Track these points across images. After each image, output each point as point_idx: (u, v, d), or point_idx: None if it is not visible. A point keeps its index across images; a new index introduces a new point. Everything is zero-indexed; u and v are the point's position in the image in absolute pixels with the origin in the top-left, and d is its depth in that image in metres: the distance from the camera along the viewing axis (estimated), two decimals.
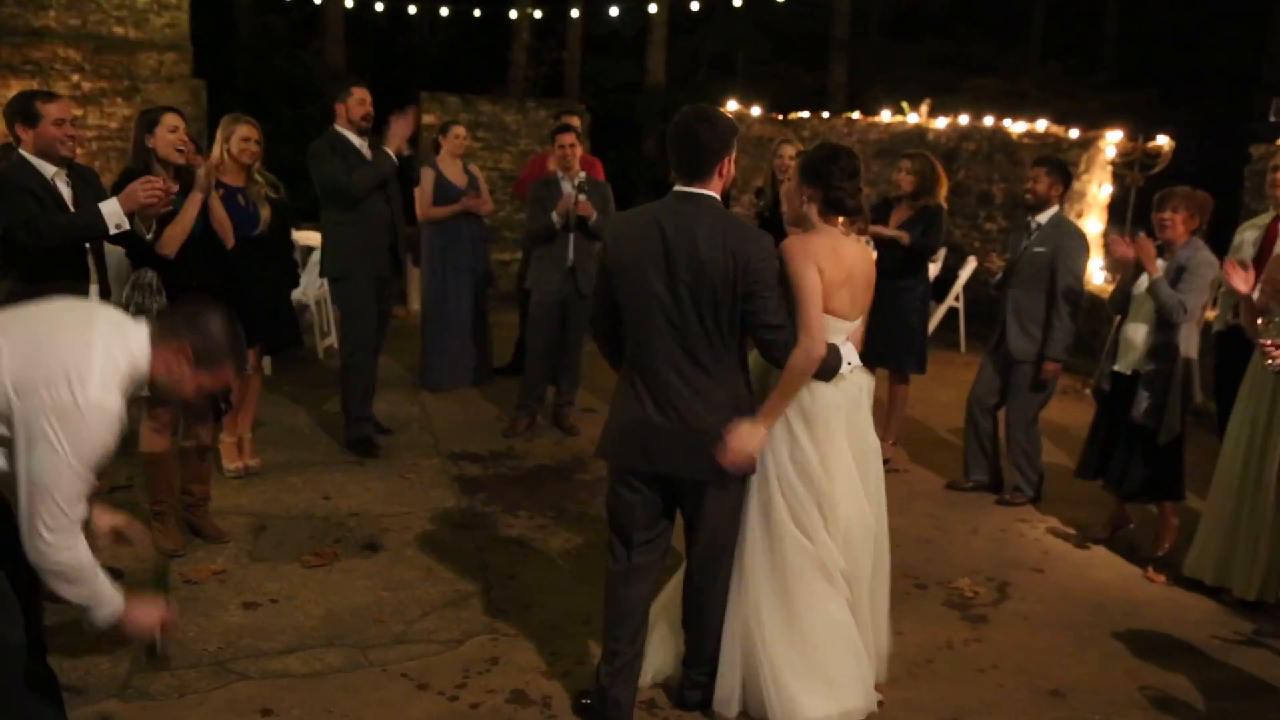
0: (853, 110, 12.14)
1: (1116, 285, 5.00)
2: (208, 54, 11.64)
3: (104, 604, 2.64)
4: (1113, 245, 4.99)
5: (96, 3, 10.33)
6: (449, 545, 4.72)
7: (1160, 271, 4.68)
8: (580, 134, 6.69)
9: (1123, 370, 4.85)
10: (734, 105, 12.01)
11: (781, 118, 11.75)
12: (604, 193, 6.41)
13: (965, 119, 10.57)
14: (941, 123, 10.69)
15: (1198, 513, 4.79)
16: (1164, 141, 9.17)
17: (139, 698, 3.34)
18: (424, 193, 6.96)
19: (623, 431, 3.22)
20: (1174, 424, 4.70)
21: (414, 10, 14.80)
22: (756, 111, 11.83)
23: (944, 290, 9.21)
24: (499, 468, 5.79)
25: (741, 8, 14.07)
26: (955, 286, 9.35)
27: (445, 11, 14.39)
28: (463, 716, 3.39)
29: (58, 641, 3.32)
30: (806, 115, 11.69)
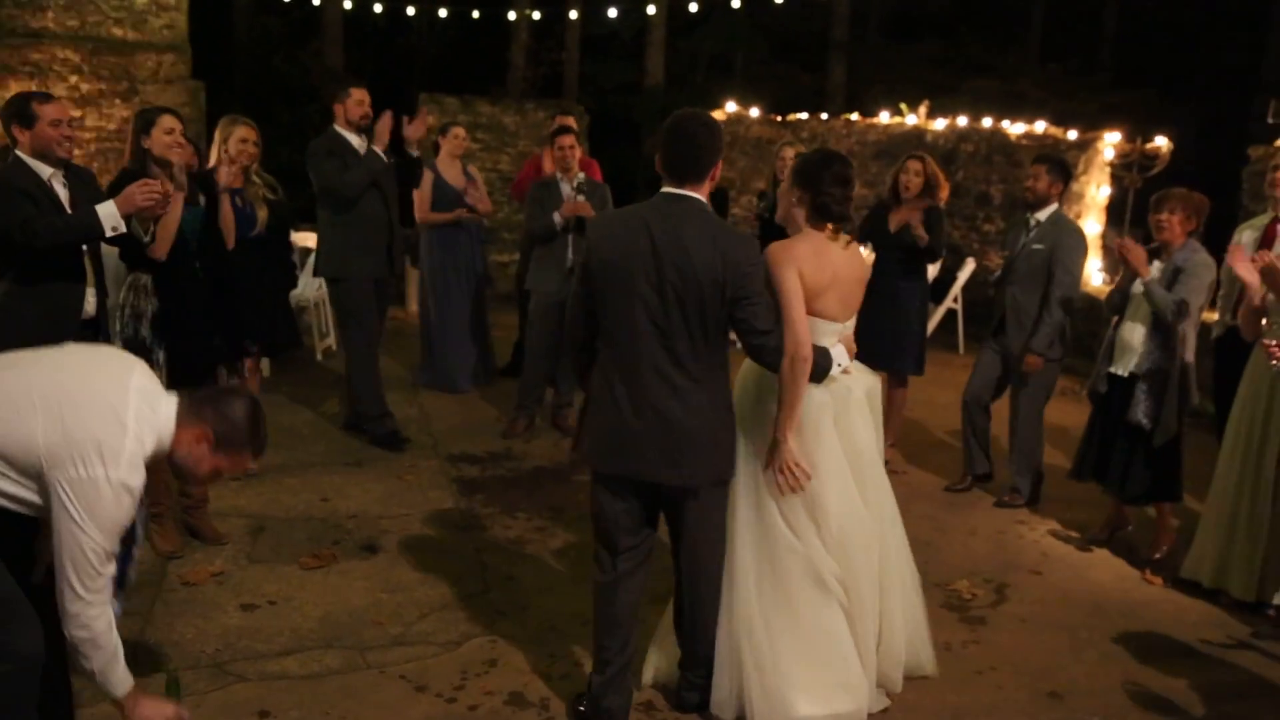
0: (851, 111, 12.13)
1: (1114, 286, 5.00)
2: (206, 55, 11.64)
3: (112, 686, 2.73)
4: (1114, 246, 4.99)
5: (95, 4, 10.34)
6: (447, 547, 4.72)
7: (1153, 274, 4.69)
8: (579, 135, 6.70)
9: (1119, 372, 4.84)
10: (733, 106, 12.01)
11: (780, 119, 11.75)
12: (603, 193, 6.41)
13: (964, 120, 10.57)
14: (940, 124, 10.69)
15: (1196, 515, 4.79)
16: (1162, 143, 9.17)
17: None
18: (423, 195, 6.96)
19: (603, 436, 3.21)
20: (1171, 426, 4.70)
21: (412, 11, 14.81)
22: (755, 113, 11.83)
23: (942, 292, 9.21)
24: (497, 469, 5.78)
25: (740, 9, 14.07)
26: (954, 288, 9.35)
27: (444, 13, 14.40)
28: (461, 718, 3.39)
29: None
30: (805, 116, 11.69)
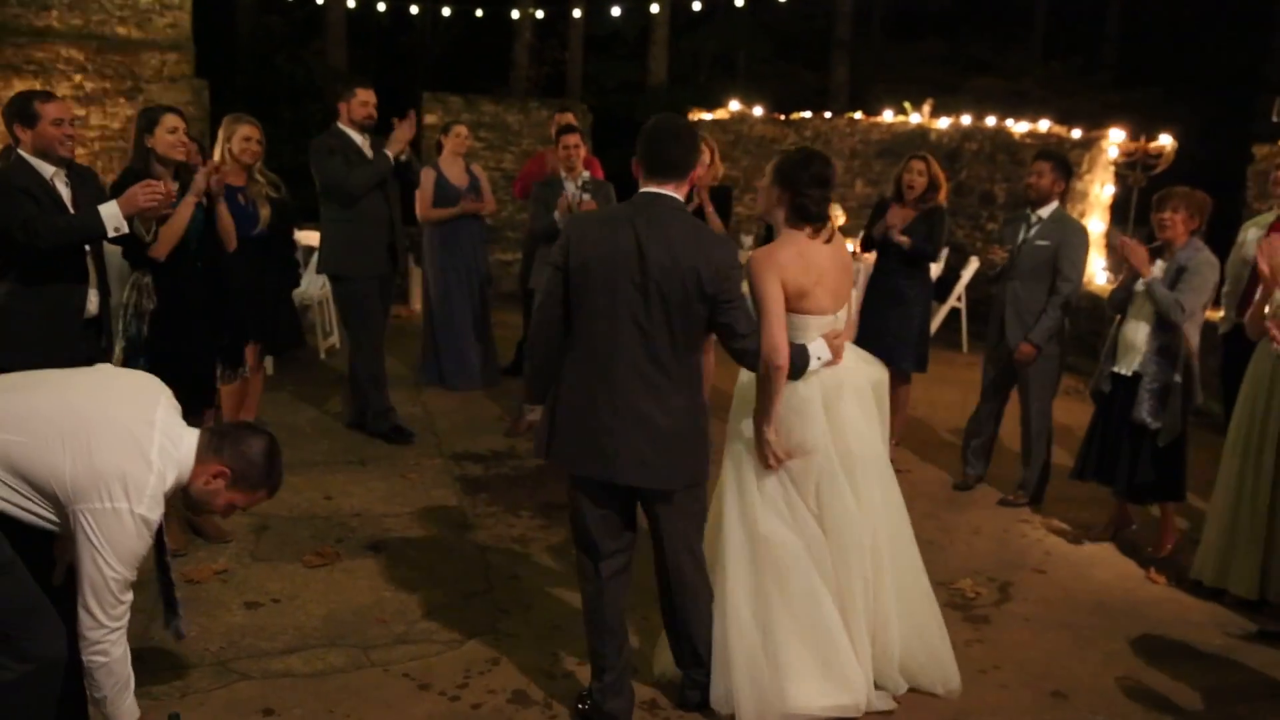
0: (855, 110, 12.12)
1: (1117, 285, 5.00)
2: (209, 54, 11.65)
3: (119, 716, 2.76)
4: (1116, 245, 4.99)
5: (99, 3, 10.33)
6: (450, 545, 4.72)
7: (1155, 273, 4.68)
8: (583, 134, 6.70)
9: (1123, 371, 4.84)
10: (736, 105, 12.00)
11: (783, 118, 11.74)
12: (607, 192, 6.42)
13: (967, 119, 10.56)
14: (944, 122, 10.68)
15: (1200, 514, 4.79)
16: (1166, 141, 9.16)
17: (140, 698, 3.32)
18: (424, 193, 6.96)
19: (578, 439, 3.17)
20: (1175, 425, 4.69)
21: (416, 10, 14.79)
22: (758, 111, 11.82)
23: (946, 290, 9.20)
24: (501, 468, 5.79)
25: (743, 7, 14.04)
26: (957, 287, 9.34)
27: (447, 11, 14.37)
28: (464, 717, 3.40)
29: None
30: (809, 115, 11.68)
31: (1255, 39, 18.08)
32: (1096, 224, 9.47)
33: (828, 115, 11.80)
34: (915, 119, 10.95)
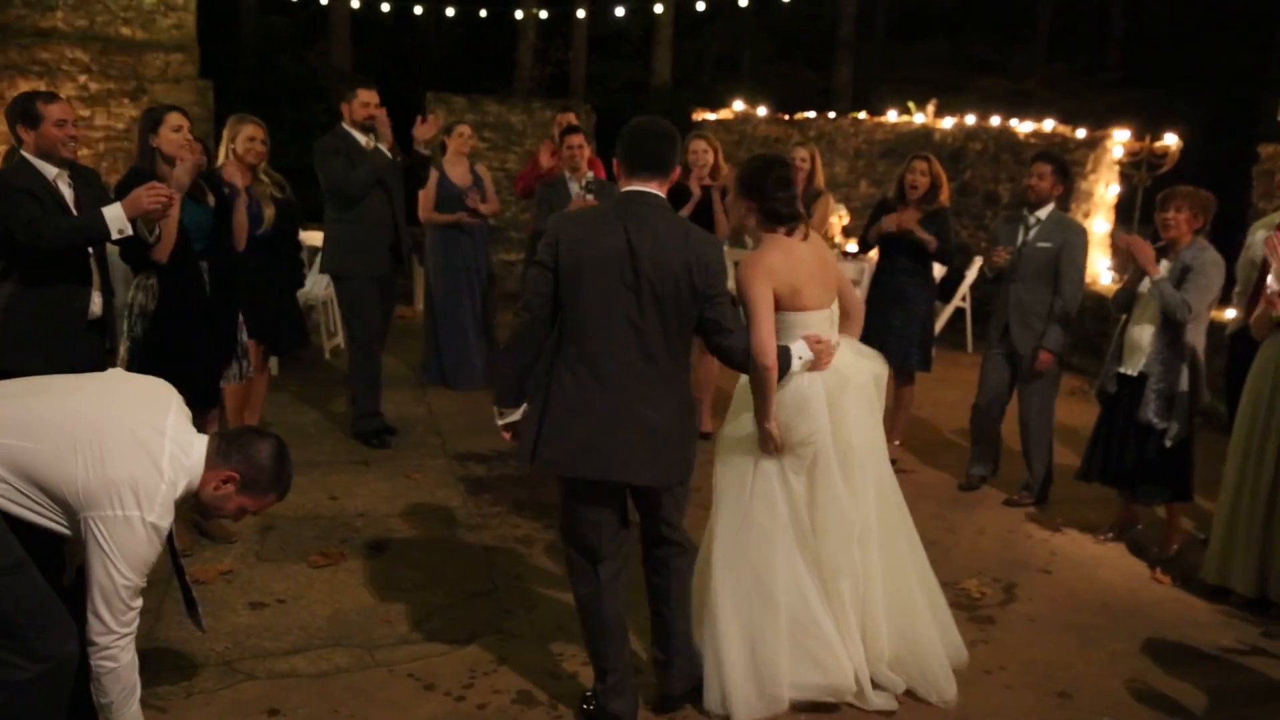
0: (859, 110, 12.11)
1: (1122, 285, 4.99)
2: (213, 55, 11.66)
3: None
4: (1122, 245, 4.98)
5: (104, 4, 10.37)
6: (455, 545, 4.72)
7: (1162, 272, 4.67)
8: (587, 134, 6.70)
9: (1128, 371, 4.83)
10: (740, 105, 12.00)
11: (787, 118, 11.73)
12: (611, 192, 6.36)
13: (972, 119, 10.55)
14: (948, 122, 10.67)
15: (1206, 514, 4.77)
16: (1171, 141, 9.14)
17: (146, 698, 3.33)
18: (427, 194, 6.96)
19: (571, 440, 3.11)
20: (1182, 425, 4.68)
21: (420, 11, 14.79)
22: (762, 112, 11.82)
23: (950, 290, 9.19)
24: (505, 468, 5.78)
25: (747, 8, 14.03)
26: (961, 287, 9.33)
27: (451, 12, 14.38)
28: (469, 717, 3.39)
29: None
30: (812, 115, 11.67)
31: (1260, 39, 18.05)
32: (1101, 224, 9.45)
33: (832, 115, 11.79)
34: (919, 119, 10.94)
